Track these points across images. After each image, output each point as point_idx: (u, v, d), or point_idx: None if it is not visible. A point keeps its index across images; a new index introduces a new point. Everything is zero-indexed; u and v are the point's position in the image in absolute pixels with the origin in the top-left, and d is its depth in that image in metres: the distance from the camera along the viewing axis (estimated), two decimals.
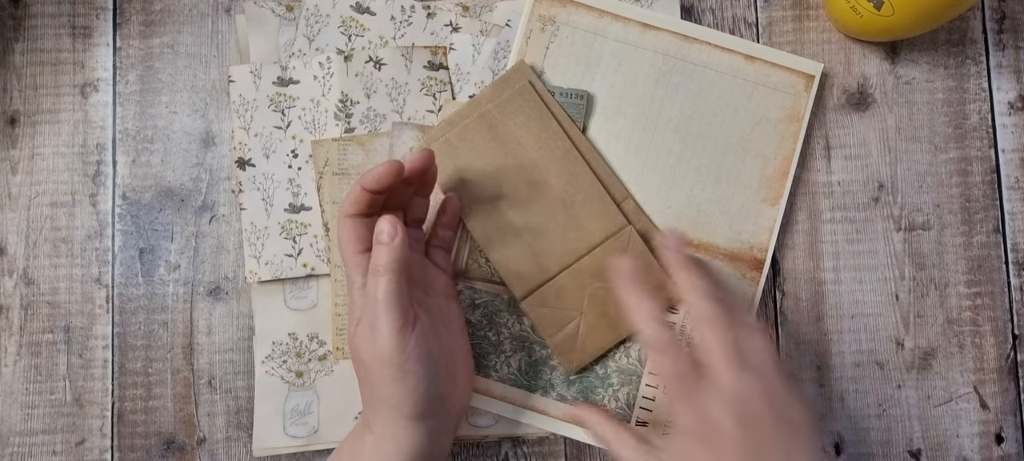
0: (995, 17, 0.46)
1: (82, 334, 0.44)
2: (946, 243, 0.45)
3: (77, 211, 0.44)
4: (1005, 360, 0.45)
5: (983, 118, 0.46)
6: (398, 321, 0.33)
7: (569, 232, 0.41)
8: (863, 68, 0.46)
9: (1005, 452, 0.44)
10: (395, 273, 0.34)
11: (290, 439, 0.43)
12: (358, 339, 0.35)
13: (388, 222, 0.34)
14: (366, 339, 0.34)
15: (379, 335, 0.34)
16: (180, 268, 0.44)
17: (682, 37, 0.43)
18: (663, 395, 0.43)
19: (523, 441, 0.44)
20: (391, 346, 0.33)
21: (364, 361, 0.35)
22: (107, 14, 0.45)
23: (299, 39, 0.44)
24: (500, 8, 0.44)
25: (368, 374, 0.35)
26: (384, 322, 0.33)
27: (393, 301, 0.33)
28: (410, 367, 0.34)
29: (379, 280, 0.34)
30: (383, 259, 0.34)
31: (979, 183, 0.45)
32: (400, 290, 0.34)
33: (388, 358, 0.33)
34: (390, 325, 0.33)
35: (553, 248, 0.41)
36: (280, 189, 0.44)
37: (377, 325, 0.34)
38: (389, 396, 0.34)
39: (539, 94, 0.42)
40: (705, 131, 0.43)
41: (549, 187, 0.42)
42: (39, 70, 0.45)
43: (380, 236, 0.34)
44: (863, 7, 0.41)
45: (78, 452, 0.43)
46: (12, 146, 0.44)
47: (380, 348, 0.34)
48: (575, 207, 0.42)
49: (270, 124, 0.44)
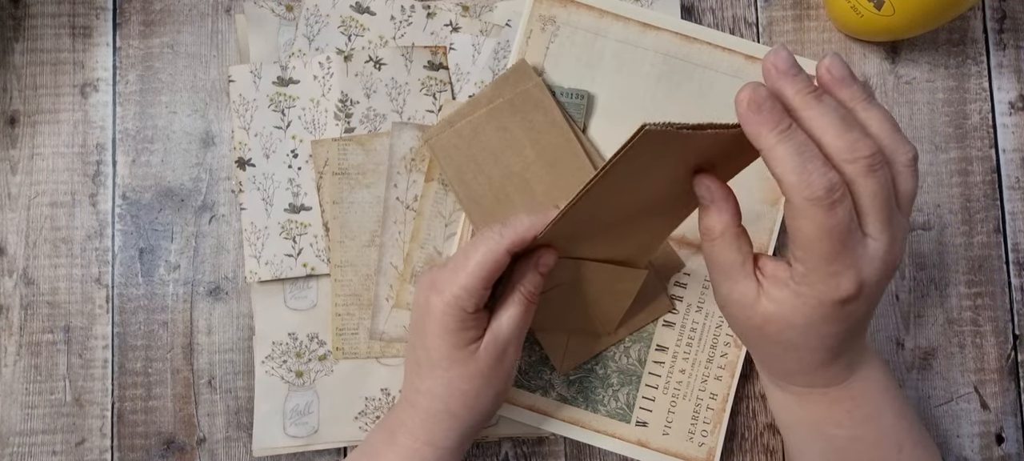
0: (995, 17, 0.46)
1: (82, 334, 0.44)
2: (946, 243, 0.45)
3: (77, 211, 0.44)
4: (1006, 360, 0.45)
5: (984, 118, 0.45)
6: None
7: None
8: (863, 68, 0.45)
9: (1005, 452, 0.44)
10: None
11: (290, 439, 0.43)
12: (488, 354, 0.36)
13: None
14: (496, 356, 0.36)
15: (508, 359, 0.36)
16: (180, 268, 0.44)
17: (683, 37, 0.43)
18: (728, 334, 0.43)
19: (523, 441, 0.44)
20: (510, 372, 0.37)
21: (486, 375, 0.36)
22: (107, 14, 0.45)
23: (299, 39, 0.44)
24: (500, 8, 0.44)
25: (471, 387, 0.36)
26: (514, 349, 0.36)
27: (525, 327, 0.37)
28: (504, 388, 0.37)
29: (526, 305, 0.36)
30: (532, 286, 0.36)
31: (980, 183, 0.45)
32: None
33: (505, 382, 0.36)
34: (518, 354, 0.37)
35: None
36: (280, 189, 0.44)
37: (508, 351, 0.36)
38: (479, 408, 0.36)
39: (540, 94, 0.42)
40: None
41: (549, 187, 0.41)
42: (39, 70, 0.45)
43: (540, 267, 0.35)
44: (863, 7, 0.41)
45: (78, 452, 0.43)
46: (12, 146, 0.44)
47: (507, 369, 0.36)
48: None
49: (270, 124, 0.44)
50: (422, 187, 0.43)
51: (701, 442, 0.43)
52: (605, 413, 0.43)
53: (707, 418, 0.43)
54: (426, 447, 0.36)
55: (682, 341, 0.43)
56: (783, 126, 0.26)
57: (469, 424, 0.36)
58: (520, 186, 0.41)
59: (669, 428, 0.43)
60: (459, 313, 0.34)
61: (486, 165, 0.41)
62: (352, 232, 0.43)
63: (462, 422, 0.36)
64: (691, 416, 0.43)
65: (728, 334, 0.43)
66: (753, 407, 0.44)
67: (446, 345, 0.34)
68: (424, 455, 0.35)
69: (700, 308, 0.43)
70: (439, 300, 0.34)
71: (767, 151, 0.26)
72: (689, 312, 0.43)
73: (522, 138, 0.42)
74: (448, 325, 0.34)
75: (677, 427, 0.43)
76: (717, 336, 0.43)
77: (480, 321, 0.35)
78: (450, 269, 0.34)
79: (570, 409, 0.43)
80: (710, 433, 0.43)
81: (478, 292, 0.33)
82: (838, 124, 0.27)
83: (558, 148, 0.42)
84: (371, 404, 0.43)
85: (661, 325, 0.43)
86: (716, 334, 0.43)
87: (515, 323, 0.35)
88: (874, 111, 0.28)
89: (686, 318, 0.43)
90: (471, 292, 0.33)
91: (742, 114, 0.27)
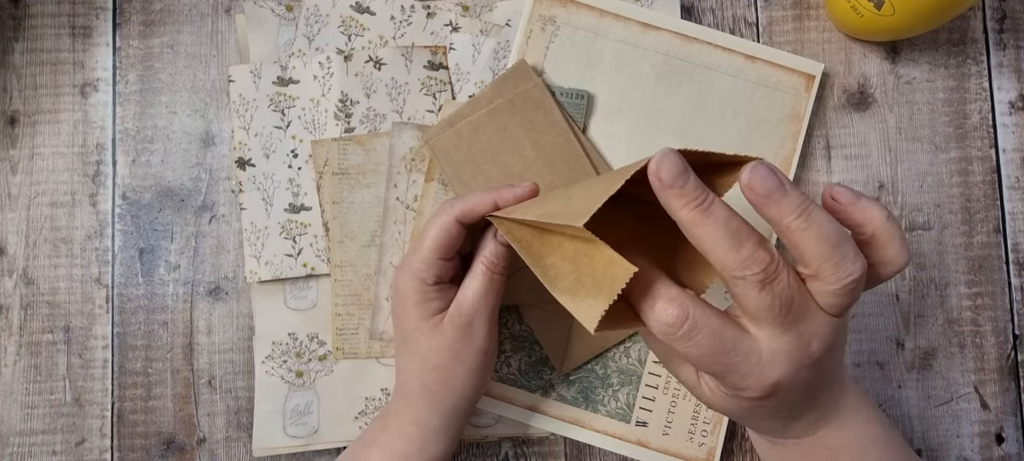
0: (996, 17, 0.46)
1: (82, 334, 0.44)
2: (946, 243, 0.45)
3: (77, 211, 0.44)
4: (1006, 360, 0.45)
5: (984, 118, 0.45)
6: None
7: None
8: (863, 68, 0.45)
9: (1005, 452, 0.44)
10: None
11: (290, 439, 0.43)
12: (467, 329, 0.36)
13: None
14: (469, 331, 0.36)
15: (477, 334, 0.36)
16: (180, 268, 0.44)
17: (683, 37, 0.43)
18: (664, 393, 0.43)
19: (523, 441, 0.44)
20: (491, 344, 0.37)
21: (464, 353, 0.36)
22: (107, 14, 0.45)
23: (299, 39, 0.44)
24: (500, 8, 0.44)
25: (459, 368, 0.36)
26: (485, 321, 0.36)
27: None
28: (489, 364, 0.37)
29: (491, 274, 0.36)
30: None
31: (980, 183, 0.45)
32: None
33: (478, 359, 0.36)
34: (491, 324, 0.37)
35: None
36: (280, 189, 0.44)
37: (475, 324, 0.36)
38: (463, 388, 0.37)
39: (539, 94, 0.42)
40: (706, 131, 0.43)
41: (549, 186, 0.41)
42: (39, 70, 0.45)
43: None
44: (863, 7, 0.41)
45: (78, 452, 0.43)
46: (12, 146, 0.44)
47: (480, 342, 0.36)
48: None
49: (270, 124, 0.44)
50: (422, 187, 0.43)
51: (701, 442, 0.43)
52: (605, 413, 0.43)
53: (707, 418, 0.43)
54: (412, 427, 0.37)
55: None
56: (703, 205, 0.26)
57: (448, 403, 0.37)
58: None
59: (669, 428, 0.43)
60: (420, 285, 0.35)
61: (486, 165, 0.41)
62: (352, 232, 0.43)
63: (440, 399, 0.36)
64: (691, 416, 0.43)
65: None
66: None
67: (412, 318, 0.36)
68: (410, 435, 0.36)
69: None
70: (403, 275, 0.36)
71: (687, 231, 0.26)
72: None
73: (522, 138, 0.42)
74: (410, 297, 0.36)
75: (677, 427, 0.43)
76: None
77: (444, 293, 0.36)
78: (411, 246, 0.37)
79: (570, 409, 0.43)
80: (710, 433, 0.43)
81: (434, 262, 0.35)
82: (727, 241, 0.25)
83: (558, 148, 0.42)
84: (371, 404, 0.43)
85: None
86: None
87: (478, 293, 0.35)
88: (811, 231, 0.25)
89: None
90: (429, 263, 0.35)
91: (657, 190, 0.26)
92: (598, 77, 0.43)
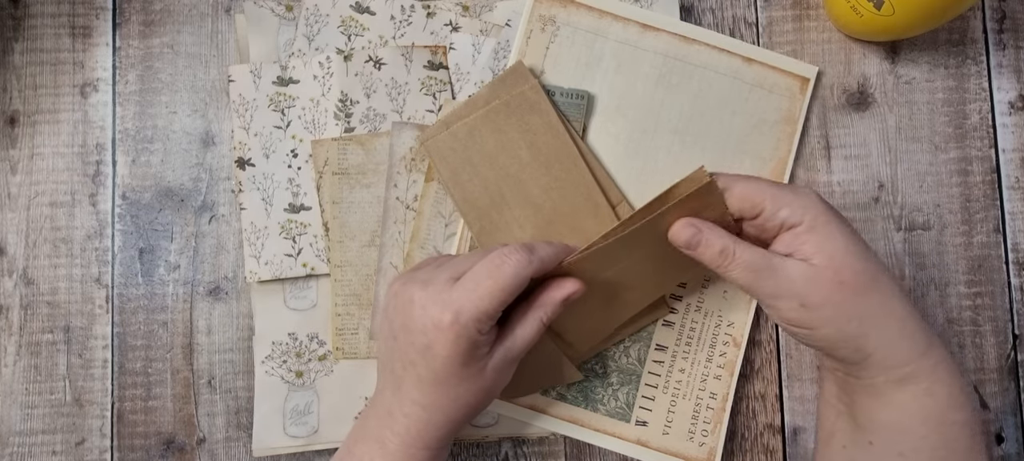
0: (995, 17, 0.46)
1: (82, 334, 0.44)
2: (946, 243, 0.45)
3: (77, 211, 0.44)
4: (1005, 360, 0.45)
5: (983, 118, 0.45)
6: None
7: (563, 234, 0.41)
8: (863, 68, 0.46)
9: (1005, 452, 0.44)
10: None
11: (290, 439, 0.43)
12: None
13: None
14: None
15: (511, 370, 0.36)
16: (180, 268, 0.44)
17: (682, 38, 0.43)
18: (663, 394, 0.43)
19: (523, 441, 0.44)
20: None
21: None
22: (107, 14, 0.45)
23: (299, 39, 0.44)
24: (500, 8, 0.44)
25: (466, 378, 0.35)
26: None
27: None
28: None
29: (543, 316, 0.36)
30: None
31: (979, 183, 0.45)
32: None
33: (503, 385, 0.36)
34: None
35: None
36: (280, 189, 0.44)
37: (514, 364, 0.36)
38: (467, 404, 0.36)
39: (536, 96, 0.42)
40: (704, 132, 0.43)
41: (544, 188, 0.41)
42: (39, 70, 0.45)
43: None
44: (863, 7, 0.41)
45: (78, 452, 0.43)
46: (12, 146, 0.44)
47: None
48: (570, 210, 0.41)
49: (270, 124, 0.44)
50: (422, 187, 0.43)
51: (701, 442, 0.43)
52: (605, 412, 0.43)
53: (707, 418, 0.43)
54: (422, 452, 0.35)
55: (681, 341, 0.43)
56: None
57: (463, 425, 0.37)
58: (515, 188, 0.41)
59: (669, 428, 0.43)
60: (476, 336, 0.33)
61: (481, 167, 0.41)
62: (352, 232, 0.43)
63: (458, 425, 0.36)
64: (691, 416, 0.43)
65: (727, 333, 0.43)
66: (753, 407, 0.44)
67: (455, 364, 0.33)
68: (420, 459, 0.35)
69: (699, 308, 0.43)
70: (453, 319, 0.32)
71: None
72: (688, 312, 0.43)
73: (517, 140, 0.42)
74: (461, 346, 0.33)
75: (677, 427, 0.43)
76: (716, 335, 0.43)
77: (490, 337, 0.34)
78: (466, 289, 0.33)
79: (570, 408, 0.43)
80: (710, 433, 0.43)
81: (496, 316, 0.33)
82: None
83: (553, 150, 0.42)
84: None
85: (660, 325, 0.43)
86: (715, 333, 0.43)
87: (528, 343, 0.35)
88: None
89: (685, 318, 0.43)
90: (492, 316, 0.33)
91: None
92: (598, 77, 0.43)
